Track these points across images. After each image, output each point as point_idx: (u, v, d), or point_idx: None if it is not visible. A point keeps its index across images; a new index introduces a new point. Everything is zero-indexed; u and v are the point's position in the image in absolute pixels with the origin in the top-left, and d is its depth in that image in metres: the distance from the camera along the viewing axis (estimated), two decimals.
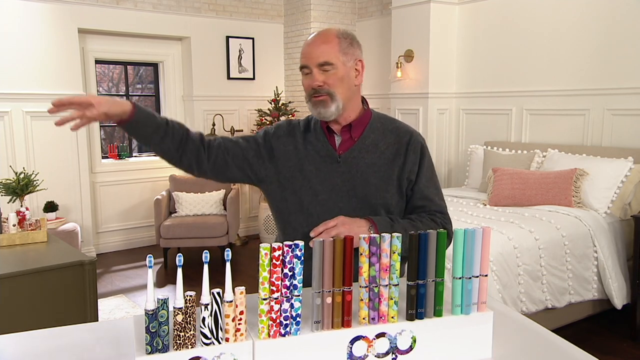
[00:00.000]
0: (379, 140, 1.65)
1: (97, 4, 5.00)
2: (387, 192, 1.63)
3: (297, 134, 1.69)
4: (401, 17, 5.01)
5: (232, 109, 5.94)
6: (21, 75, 4.64)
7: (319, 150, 1.65)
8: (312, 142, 1.66)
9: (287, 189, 1.65)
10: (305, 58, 1.58)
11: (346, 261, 1.09)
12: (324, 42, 1.57)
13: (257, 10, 6.00)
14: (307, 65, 1.58)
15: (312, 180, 1.63)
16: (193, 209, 5.02)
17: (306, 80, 1.61)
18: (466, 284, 1.17)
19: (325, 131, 1.66)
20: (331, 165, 1.63)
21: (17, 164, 4.52)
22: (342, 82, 1.59)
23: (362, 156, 1.63)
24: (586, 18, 4.01)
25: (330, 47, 1.57)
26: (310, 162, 1.64)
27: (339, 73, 1.58)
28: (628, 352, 3.15)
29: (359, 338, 1.11)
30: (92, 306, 2.58)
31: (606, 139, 3.93)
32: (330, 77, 1.57)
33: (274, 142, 1.68)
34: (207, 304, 1.01)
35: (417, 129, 4.86)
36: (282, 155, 1.66)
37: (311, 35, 1.63)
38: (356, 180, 1.62)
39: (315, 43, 1.58)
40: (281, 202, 1.67)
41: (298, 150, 1.66)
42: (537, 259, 3.05)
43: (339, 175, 1.63)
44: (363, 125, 1.66)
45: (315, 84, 1.57)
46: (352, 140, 1.65)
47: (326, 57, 1.56)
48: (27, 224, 2.91)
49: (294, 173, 1.64)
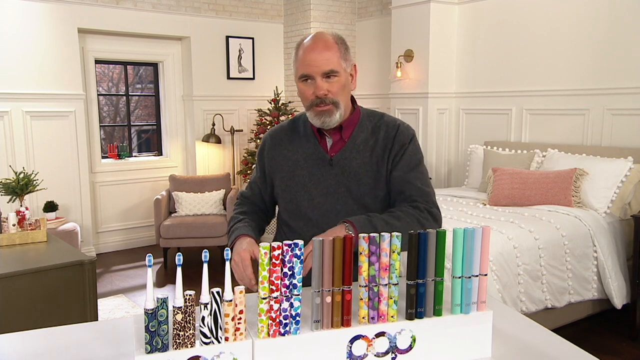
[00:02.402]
0: (368, 138, 1.64)
1: (97, 4, 5.00)
2: (380, 190, 1.61)
3: (283, 140, 1.68)
4: (401, 17, 5.01)
5: (232, 109, 5.94)
6: (21, 75, 4.64)
7: (310, 154, 1.64)
8: (302, 146, 1.65)
9: (285, 197, 1.67)
10: (308, 66, 1.52)
11: (346, 260, 1.09)
12: (326, 49, 1.52)
13: (257, 10, 6.00)
14: (310, 73, 1.52)
15: (306, 185, 1.63)
16: (193, 209, 5.02)
17: (308, 89, 1.55)
18: (466, 284, 1.17)
19: (316, 134, 1.64)
20: (324, 168, 1.62)
21: (16, 164, 4.52)
22: (344, 90, 1.57)
23: (353, 156, 1.62)
24: (586, 18, 4.01)
25: (332, 54, 1.52)
26: (302, 167, 1.64)
27: (341, 81, 1.55)
28: (628, 351, 3.15)
29: (359, 337, 1.11)
30: (92, 306, 2.58)
31: (606, 139, 3.94)
32: (333, 85, 1.53)
33: (265, 161, 1.72)
34: (207, 303, 1.01)
35: (417, 129, 4.89)
36: (274, 169, 1.69)
37: (307, 40, 1.56)
38: (350, 181, 1.61)
39: (317, 50, 1.52)
40: (283, 210, 1.72)
41: (287, 158, 1.66)
42: (536, 258, 3.05)
43: (332, 177, 1.62)
44: (353, 125, 1.64)
45: (321, 93, 1.52)
46: (342, 141, 1.63)
47: (331, 66, 1.51)
48: (27, 223, 2.91)
49: (287, 182, 1.65)
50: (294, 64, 1.60)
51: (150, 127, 6.14)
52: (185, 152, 5.89)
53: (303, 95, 1.57)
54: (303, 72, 1.54)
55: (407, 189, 1.58)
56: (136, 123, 6.43)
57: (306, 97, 1.56)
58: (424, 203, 1.55)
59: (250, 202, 1.79)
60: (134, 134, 6.54)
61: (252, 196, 1.80)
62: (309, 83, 1.54)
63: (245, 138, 6.04)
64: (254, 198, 1.79)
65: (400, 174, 1.59)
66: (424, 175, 1.63)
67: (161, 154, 5.91)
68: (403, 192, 1.58)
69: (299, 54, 1.56)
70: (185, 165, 5.91)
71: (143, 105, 6.75)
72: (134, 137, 6.34)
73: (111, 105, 6.85)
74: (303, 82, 1.56)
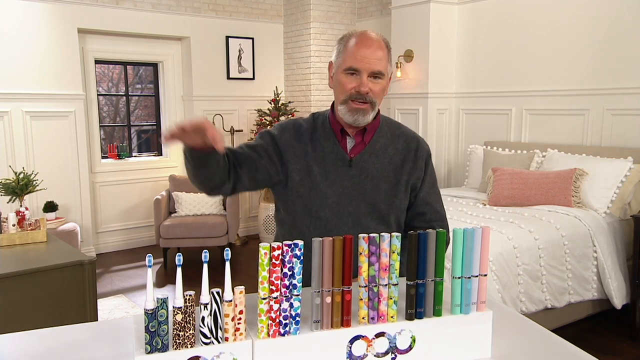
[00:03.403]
0: (387, 145, 1.65)
1: (97, 4, 5.00)
2: (396, 197, 1.63)
3: (304, 135, 1.64)
4: (401, 17, 5.01)
5: (232, 109, 5.94)
6: (21, 75, 4.64)
7: (329, 153, 1.62)
8: (321, 144, 1.62)
9: (296, 192, 1.61)
10: (360, 61, 1.51)
11: (345, 260, 1.10)
12: (380, 49, 1.52)
13: (257, 10, 6.00)
14: (359, 68, 1.51)
15: (321, 184, 1.60)
16: (193, 209, 5.02)
17: (350, 82, 1.53)
18: (465, 284, 1.17)
19: (337, 133, 1.63)
20: (342, 169, 1.61)
21: (16, 164, 4.52)
22: (382, 93, 1.58)
23: (372, 160, 1.62)
24: (586, 18, 4.02)
25: (384, 55, 1.53)
26: (319, 165, 1.61)
27: (383, 84, 1.56)
28: (627, 351, 3.15)
29: (359, 337, 1.11)
30: (92, 306, 2.58)
31: (606, 139, 3.94)
32: (377, 86, 1.54)
33: (282, 146, 1.62)
34: (207, 304, 1.01)
35: (417, 129, 4.90)
36: (292, 158, 1.61)
37: (359, 35, 1.54)
38: (367, 185, 1.61)
39: (372, 47, 1.51)
40: (289, 204, 1.64)
41: (307, 153, 1.62)
42: (536, 258, 3.05)
43: (349, 178, 1.61)
44: (374, 129, 1.64)
45: (364, 89, 1.52)
46: (363, 144, 1.63)
47: (381, 67, 1.52)
48: (27, 223, 2.91)
49: (302, 176, 1.61)
50: (339, 54, 1.57)
51: (150, 127, 6.14)
52: None
53: (343, 87, 1.55)
54: (352, 64, 1.52)
55: (428, 211, 1.67)
56: (136, 123, 6.43)
57: (345, 90, 1.54)
58: (441, 228, 1.58)
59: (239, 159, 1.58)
60: (134, 134, 6.54)
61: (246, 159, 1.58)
62: (354, 77, 1.53)
63: (245, 138, 6.03)
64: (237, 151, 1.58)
65: (424, 195, 1.67)
66: (439, 195, 1.73)
67: (161, 154, 5.91)
68: (425, 214, 1.67)
69: (349, 46, 1.54)
70: (185, 166, 5.89)
71: (143, 106, 6.75)
72: (133, 137, 6.33)
73: (111, 106, 6.85)
74: (347, 74, 1.54)
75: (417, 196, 1.67)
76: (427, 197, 1.67)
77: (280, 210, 1.70)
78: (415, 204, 1.67)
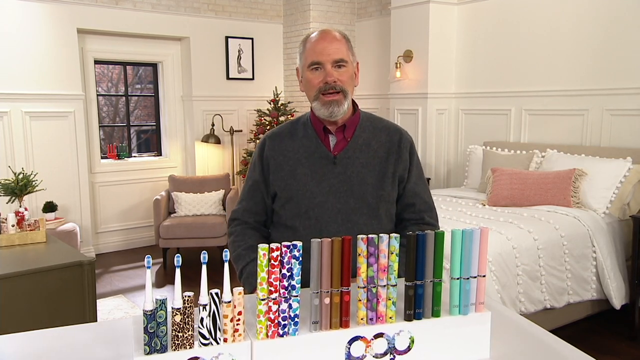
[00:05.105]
0: (370, 139, 1.66)
1: (96, 4, 5.00)
2: (384, 190, 1.64)
3: (284, 141, 1.68)
4: (400, 18, 5.01)
5: (232, 109, 5.94)
6: (20, 75, 4.64)
7: (312, 152, 1.64)
8: (304, 145, 1.66)
9: (284, 196, 1.66)
10: (319, 54, 1.56)
11: (344, 261, 1.10)
12: (336, 40, 1.57)
13: (257, 11, 6.00)
14: (321, 61, 1.56)
15: (307, 184, 1.63)
16: (192, 209, 5.02)
17: (316, 77, 1.58)
18: (464, 285, 1.17)
19: (319, 133, 1.66)
20: (327, 167, 1.63)
21: (16, 164, 4.52)
22: (351, 81, 1.61)
23: (356, 156, 1.64)
24: (585, 18, 4.02)
25: (342, 44, 1.58)
26: (303, 166, 1.64)
27: (349, 71, 1.59)
28: (627, 352, 3.15)
29: (357, 338, 1.11)
30: (91, 306, 2.58)
31: (605, 139, 3.94)
32: (343, 74, 1.57)
33: (264, 162, 1.69)
34: (206, 305, 1.01)
35: (416, 129, 4.90)
36: (274, 168, 1.66)
37: (314, 34, 1.61)
38: (353, 180, 1.62)
39: (327, 40, 1.57)
40: (281, 208, 1.68)
41: (288, 157, 1.65)
42: (535, 259, 3.05)
43: (335, 176, 1.63)
44: (354, 125, 1.67)
45: (331, 79, 1.55)
46: (345, 141, 1.65)
47: (341, 55, 1.56)
48: (26, 224, 2.91)
49: (287, 181, 1.64)
50: (301, 56, 1.63)
51: (149, 127, 6.14)
52: (184, 152, 5.89)
53: (310, 84, 1.59)
54: (313, 59, 1.57)
55: (417, 202, 1.69)
56: (135, 123, 6.43)
57: (313, 86, 1.59)
58: (431, 218, 1.69)
59: (243, 221, 1.74)
60: (134, 134, 6.54)
61: (249, 209, 1.73)
62: (319, 72, 1.57)
63: (245, 138, 6.04)
64: (254, 209, 1.73)
65: (412, 186, 1.69)
66: (427, 185, 1.76)
67: (161, 154, 5.91)
68: (414, 205, 1.69)
69: (307, 45, 1.60)
70: (185, 166, 5.91)
71: (142, 106, 6.75)
72: (133, 138, 6.34)
73: (110, 106, 6.85)
74: (312, 70, 1.58)
75: (405, 187, 1.68)
76: (415, 187, 1.69)
77: (276, 215, 1.73)
78: (404, 196, 1.69)
